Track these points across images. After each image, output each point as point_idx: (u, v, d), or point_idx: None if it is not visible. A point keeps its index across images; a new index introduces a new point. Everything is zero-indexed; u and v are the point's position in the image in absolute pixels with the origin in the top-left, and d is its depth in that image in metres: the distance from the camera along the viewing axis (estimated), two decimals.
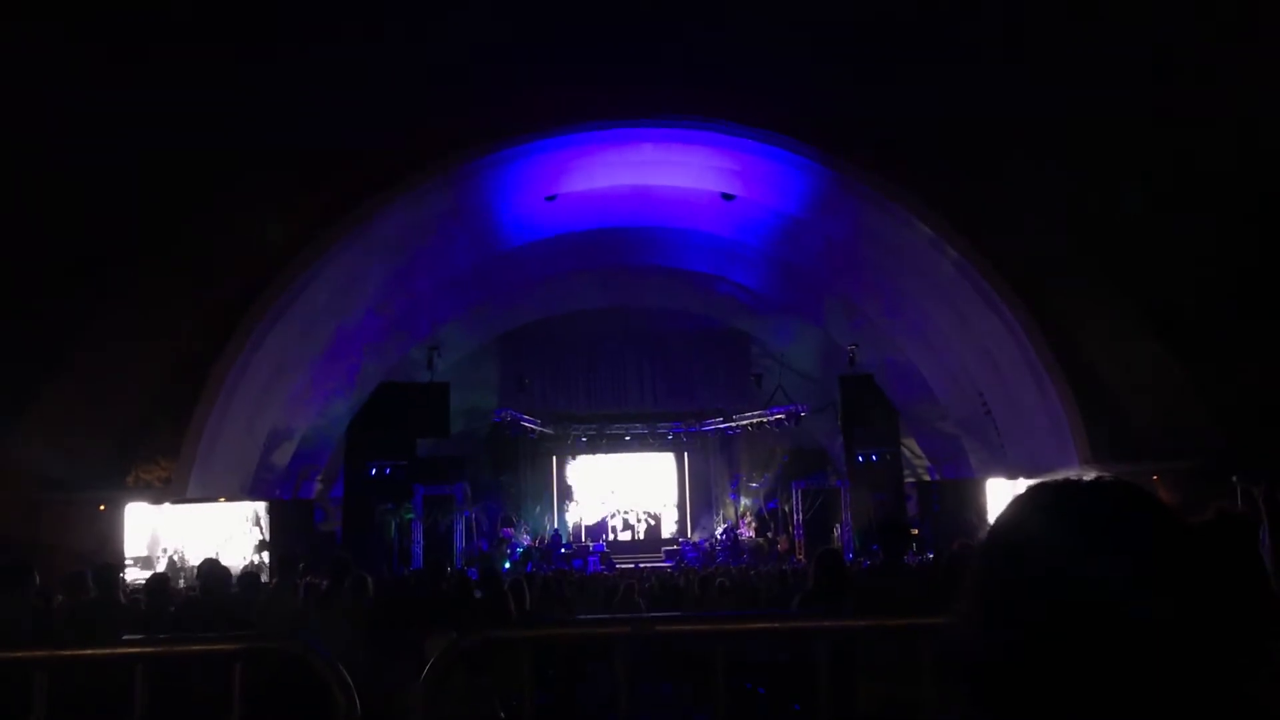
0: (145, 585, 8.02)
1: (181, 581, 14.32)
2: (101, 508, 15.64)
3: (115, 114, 12.96)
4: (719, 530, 26.30)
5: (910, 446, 23.75)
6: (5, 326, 13.27)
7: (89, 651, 2.80)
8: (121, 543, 15.55)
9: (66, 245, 13.65)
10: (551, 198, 18.71)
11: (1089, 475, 1.02)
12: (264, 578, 13.43)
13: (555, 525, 26.31)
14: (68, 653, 2.73)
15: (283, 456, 19.49)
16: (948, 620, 1.04)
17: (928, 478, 23.70)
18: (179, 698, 4.17)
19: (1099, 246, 15.52)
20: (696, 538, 26.34)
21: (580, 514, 27.03)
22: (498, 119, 16.07)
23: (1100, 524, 0.96)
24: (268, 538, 16.81)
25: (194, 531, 16.29)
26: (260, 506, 17.37)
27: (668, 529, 26.96)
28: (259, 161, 14.71)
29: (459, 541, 21.70)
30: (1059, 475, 1.04)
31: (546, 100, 15.82)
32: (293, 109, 14.38)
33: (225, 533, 16.34)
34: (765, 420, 24.45)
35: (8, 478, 14.14)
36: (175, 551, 16.07)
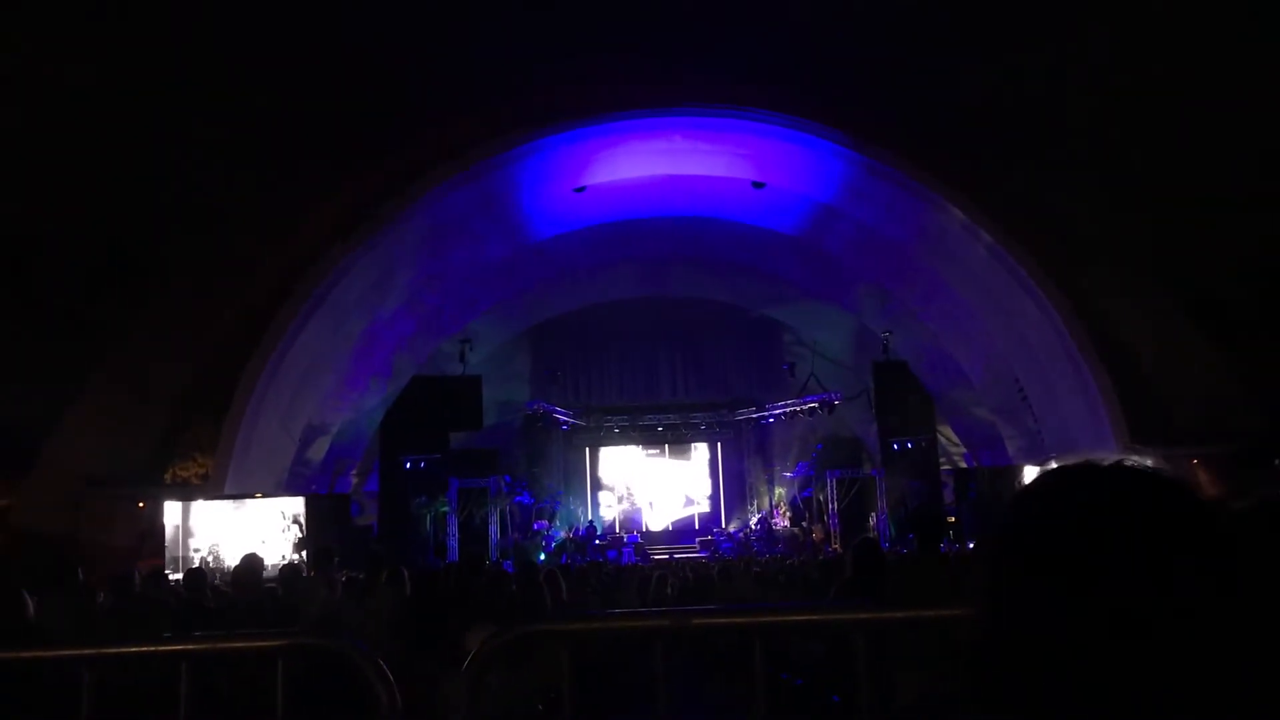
0: (183, 580, 8.13)
1: (218, 580, 14.45)
2: (141, 505, 15.86)
3: (147, 114, 13.10)
4: (753, 520, 26.22)
5: (946, 433, 23.54)
6: (46, 328, 13.48)
7: (133, 648, 2.82)
8: (162, 539, 15.76)
9: (104, 248, 13.83)
10: (581, 189, 18.68)
11: (1109, 459, 0.97)
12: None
13: (589, 517, 26.36)
14: (113, 649, 2.75)
15: (318, 452, 19.64)
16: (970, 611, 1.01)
17: (964, 465, 23.47)
18: (215, 694, 4.22)
19: (1136, 229, 15.30)
20: (731, 528, 26.29)
21: (614, 504, 27.08)
22: (526, 110, 16.07)
23: (1114, 512, 0.91)
24: (305, 534, 16.94)
25: (228, 530, 16.44)
26: (298, 502, 17.51)
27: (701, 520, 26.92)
28: (290, 160, 14.81)
29: (494, 534, 21.79)
30: (1080, 459, 0.98)
31: (575, 90, 15.79)
32: (320, 106, 14.47)
33: (261, 532, 16.46)
34: (799, 409, 24.31)
35: (50, 476, 14.37)
36: (210, 551, 16.20)
